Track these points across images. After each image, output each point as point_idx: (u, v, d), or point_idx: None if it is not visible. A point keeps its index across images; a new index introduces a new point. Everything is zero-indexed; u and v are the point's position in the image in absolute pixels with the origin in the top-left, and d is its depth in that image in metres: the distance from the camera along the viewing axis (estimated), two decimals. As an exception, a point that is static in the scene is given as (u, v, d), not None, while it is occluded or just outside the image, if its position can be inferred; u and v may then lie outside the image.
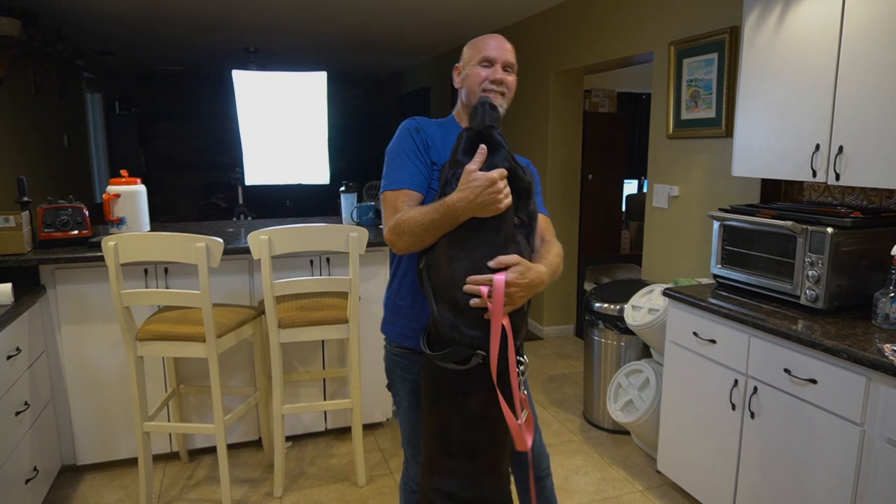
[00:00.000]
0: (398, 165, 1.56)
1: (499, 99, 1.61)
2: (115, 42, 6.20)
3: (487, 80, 1.61)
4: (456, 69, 1.71)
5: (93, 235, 2.82)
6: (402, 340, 1.68)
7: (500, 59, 1.63)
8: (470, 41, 1.70)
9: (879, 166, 1.95)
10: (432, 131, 1.61)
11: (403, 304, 1.67)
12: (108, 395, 2.76)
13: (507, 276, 1.36)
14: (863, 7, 1.97)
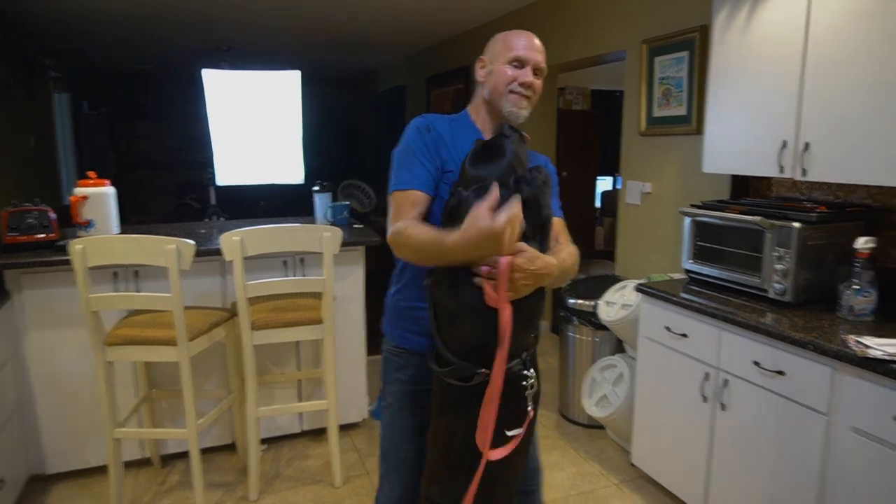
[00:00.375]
0: (406, 165, 1.50)
1: (524, 103, 1.55)
2: (84, 40, 6.07)
3: (516, 82, 1.53)
4: (480, 62, 1.62)
5: (60, 239, 2.76)
6: (400, 341, 1.64)
7: (532, 61, 1.54)
8: (498, 34, 1.61)
9: (844, 162, 2.00)
10: (442, 129, 1.54)
11: (404, 306, 1.62)
12: (77, 402, 2.70)
13: (515, 259, 1.26)
14: (828, 7, 2.01)
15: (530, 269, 1.28)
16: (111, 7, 4.58)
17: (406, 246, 1.39)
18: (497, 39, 1.60)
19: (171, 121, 9.16)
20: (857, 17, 1.92)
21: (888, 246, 2.21)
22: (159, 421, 2.86)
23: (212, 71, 4.85)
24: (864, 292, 1.96)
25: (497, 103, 1.56)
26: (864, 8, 1.90)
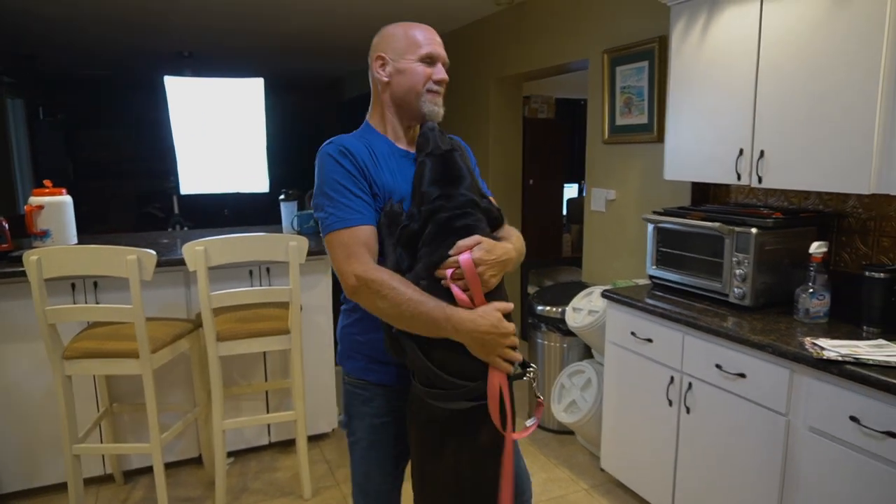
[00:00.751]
0: (341, 198, 1.35)
1: (440, 100, 1.49)
2: (39, 45, 5.90)
3: (432, 81, 1.45)
4: (379, 59, 1.47)
5: (14, 249, 2.68)
6: (361, 374, 1.51)
7: (442, 57, 1.48)
8: (391, 27, 1.49)
9: (796, 169, 2.07)
10: (358, 150, 1.40)
11: (361, 339, 1.49)
12: (33, 418, 2.61)
13: (474, 254, 1.25)
14: (778, 19, 2.09)
15: (492, 259, 1.27)
16: (66, 10, 4.47)
17: (384, 298, 1.27)
18: (394, 34, 1.47)
19: (131, 128, 8.95)
20: (806, 30, 2.00)
21: (840, 250, 2.30)
22: (121, 435, 2.79)
23: (174, 78, 4.78)
24: (819, 295, 2.03)
25: (413, 104, 1.46)
26: (812, 20, 1.97)
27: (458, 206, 1.32)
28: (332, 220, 1.35)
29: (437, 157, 1.37)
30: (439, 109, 1.49)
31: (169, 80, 4.74)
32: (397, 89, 1.46)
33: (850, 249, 2.27)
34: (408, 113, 1.48)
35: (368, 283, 1.28)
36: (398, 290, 1.26)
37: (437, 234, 1.29)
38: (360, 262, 1.31)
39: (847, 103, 1.90)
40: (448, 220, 1.30)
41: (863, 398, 1.64)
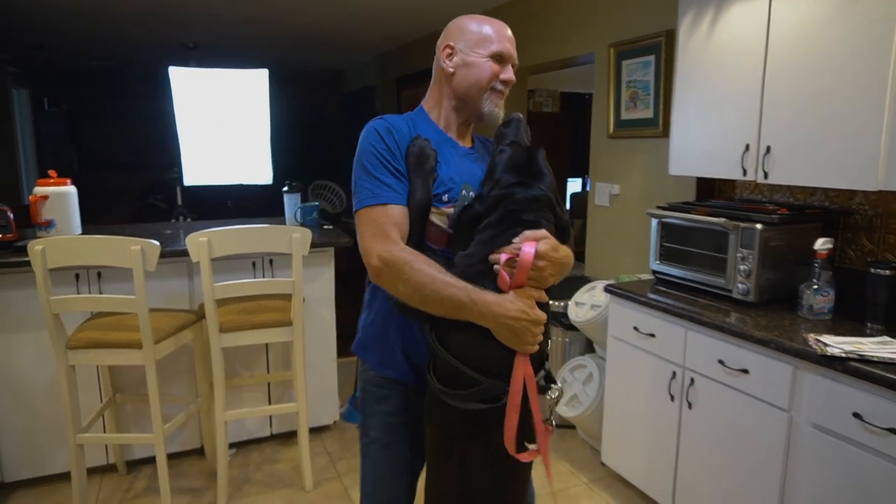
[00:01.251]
0: (377, 174, 1.30)
1: (502, 102, 1.43)
2: (45, 36, 5.90)
3: (499, 80, 1.40)
4: (447, 48, 1.42)
5: (18, 239, 2.68)
6: (381, 368, 1.45)
7: (513, 58, 1.42)
8: (464, 19, 1.44)
9: (803, 165, 2.06)
10: (403, 130, 1.36)
11: (383, 332, 1.43)
12: (37, 407, 2.62)
13: (539, 246, 1.16)
14: (787, 15, 2.07)
15: (556, 257, 1.19)
16: (73, 2, 4.46)
17: (407, 281, 1.22)
18: (468, 26, 1.42)
19: (135, 119, 8.95)
20: (815, 26, 1.98)
21: (845, 247, 2.29)
22: (124, 426, 2.80)
23: (178, 69, 4.77)
24: (823, 292, 2.02)
25: (474, 100, 1.40)
26: (821, 17, 1.96)
27: (533, 199, 1.24)
28: (366, 194, 1.30)
29: (522, 149, 1.31)
30: (499, 112, 1.43)
31: (174, 70, 4.73)
32: (461, 82, 1.40)
33: (855, 246, 2.26)
34: (466, 108, 1.43)
35: (391, 265, 1.23)
36: (423, 271, 1.21)
37: (501, 221, 1.22)
38: (386, 243, 1.25)
39: (855, 99, 1.88)
40: (518, 210, 1.22)
41: (866, 395, 1.64)
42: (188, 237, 2.37)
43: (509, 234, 1.21)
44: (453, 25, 1.45)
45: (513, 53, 1.43)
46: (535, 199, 1.24)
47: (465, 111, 1.44)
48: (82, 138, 8.72)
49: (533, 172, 1.28)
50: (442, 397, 1.26)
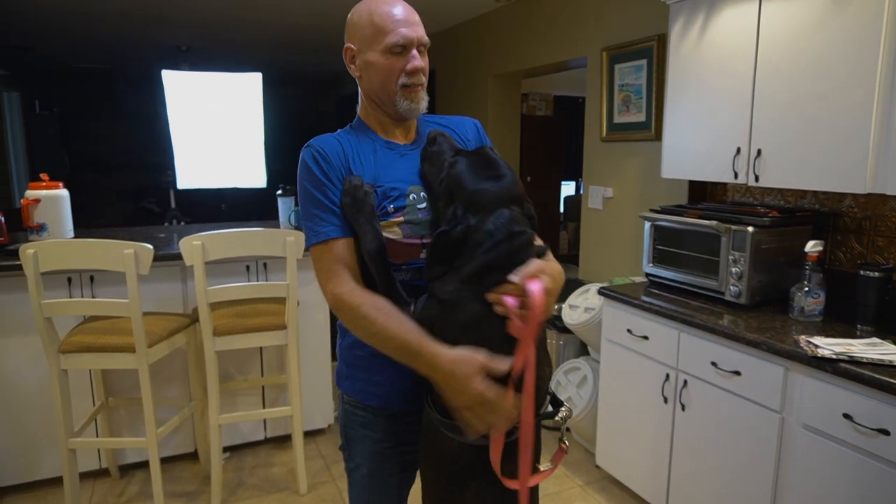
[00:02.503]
0: (312, 211, 1.25)
1: (419, 93, 1.28)
2: (36, 37, 5.87)
3: (404, 74, 1.25)
4: (347, 52, 1.30)
5: (10, 243, 2.67)
6: (361, 397, 1.36)
7: (416, 40, 1.24)
8: (356, 9, 1.29)
9: (793, 169, 2.08)
10: (333, 149, 1.27)
11: (363, 353, 1.32)
12: (28, 412, 2.61)
13: (543, 282, 1.08)
14: (776, 20, 2.09)
15: (557, 290, 1.13)
16: (64, 2, 4.45)
17: (358, 326, 1.19)
18: (360, 20, 1.27)
19: (128, 122, 8.91)
20: (804, 31, 2.00)
21: (835, 249, 2.31)
22: (117, 430, 2.79)
23: (172, 72, 4.76)
24: (814, 294, 2.04)
25: (387, 104, 1.29)
26: (810, 22, 1.98)
27: (509, 221, 1.15)
28: (309, 233, 1.26)
29: (472, 154, 1.23)
30: (417, 106, 1.29)
31: (167, 73, 4.73)
32: (369, 86, 1.30)
33: (845, 248, 2.28)
34: (385, 108, 1.31)
35: (342, 307, 1.21)
36: (371, 319, 1.16)
37: (490, 249, 1.12)
38: (337, 283, 1.22)
39: (844, 103, 1.90)
40: (507, 239, 1.13)
41: (856, 396, 1.65)
42: (182, 241, 2.37)
43: (501, 265, 1.12)
44: (348, 22, 1.30)
45: (413, 35, 1.23)
46: (510, 221, 1.14)
47: (387, 112, 1.32)
48: (74, 141, 8.68)
49: (496, 175, 1.19)
50: (449, 433, 1.16)
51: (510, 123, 4.75)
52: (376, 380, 1.33)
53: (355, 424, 1.38)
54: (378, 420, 1.36)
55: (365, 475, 1.38)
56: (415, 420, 1.33)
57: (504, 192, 1.17)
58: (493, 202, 1.15)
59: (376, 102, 1.32)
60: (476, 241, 1.12)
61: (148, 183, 8.63)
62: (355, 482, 1.41)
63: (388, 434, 1.36)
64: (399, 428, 1.36)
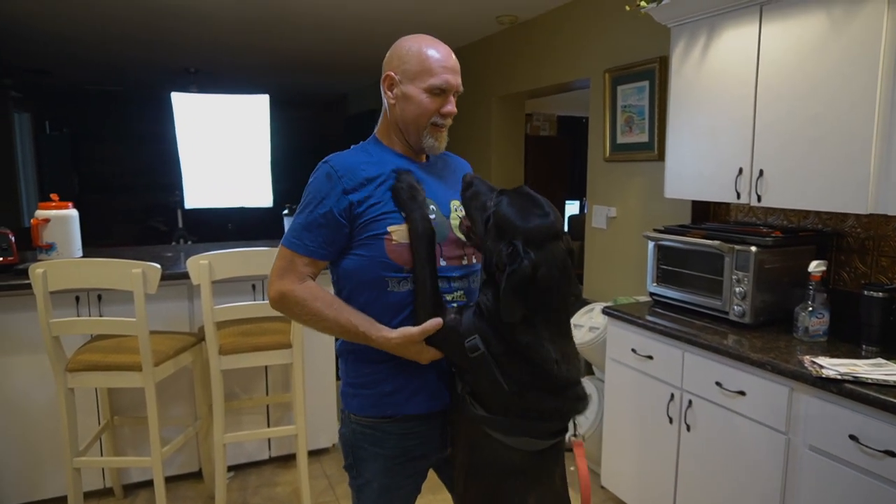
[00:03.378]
0: (307, 222, 1.33)
1: (444, 134, 1.42)
2: (47, 60, 5.98)
3: (438, 114, 1.37)
4: (388, 79, 1.40)
5: (19, 262, 2.70)
6: (373, 411, 1.39)
7: (454, 87, 1.38)
8: (405, 43, 1.40)
9: (795, 189, 2.09)
10: (355, 167, 1.36)
11: (368, 370, 1.39)
12: (34, 430, 2.61)
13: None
14: (776, 42, 2.12)
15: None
16: (74, 26, 4.54)
17: (306, 320, 1.35)
18: (408, 54, 1.37)
19: (136, 143, 9.02)
20: (804, 53, 2.03)
21: (839, 269, 2.31)
22: (122, 449, 2.79)
23: (180, 94, 4.84)
24: (818, 314, 2.04)
25: (413, 135, 1.40)
26: (810, 42, 2.01)
27: (563, 258, 1.25)
28: (291, 235, 1.36)
29: (514, 193, 1.29)
30: (439, 144, 1.42)
31: (176, 96, 4.80)
32: (401, 115, 1.40)
33: (848, 268, 2.29)
34: (410, 140, 1.43)
35: (287, 301, 1.34)
36: (319, 313, 1.33)
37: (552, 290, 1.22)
38: (288, 282, 1.34)
39: (844, 124, 1.92)
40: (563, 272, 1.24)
41: (862, 417, 1.65)
42: (189, 260, 2.39)
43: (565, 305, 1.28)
44: (394, 51, 1.42)
45: (454, 82, 1.38)
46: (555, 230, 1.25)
47: (410, 139, 1.43)
48: (83, 162, 8.77)
49: (544, 213, 1.26)
50: (504, 433, 1.24)
51: (514, 144, 4.79)
52: (388, 391, 1.38)
53: (364, 443, 1.41)
54: (388, 435, 1.39)
55: (376, 490, 1.41)
56: (429, 429, 1.41)
57: (551, 228, 1.24)
58: (545, 238, 1.22)
59: (402, 131, 1.41)
60: (543, 278, 1.19)
61: (156, 203, 8.71)
62: (366, 498, 1.43)
63: (399, 450, 1.40)
64: (410, 442, 1.41)
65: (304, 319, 1.35)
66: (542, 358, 1.21)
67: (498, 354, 1.22)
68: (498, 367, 1.21)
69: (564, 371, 1.23)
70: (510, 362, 1.22)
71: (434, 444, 1.44)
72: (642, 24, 3.13)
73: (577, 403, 1.28)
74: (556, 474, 1.29)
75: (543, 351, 1.21)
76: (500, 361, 1.21)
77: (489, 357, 1.22)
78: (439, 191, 1.44)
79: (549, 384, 1.23)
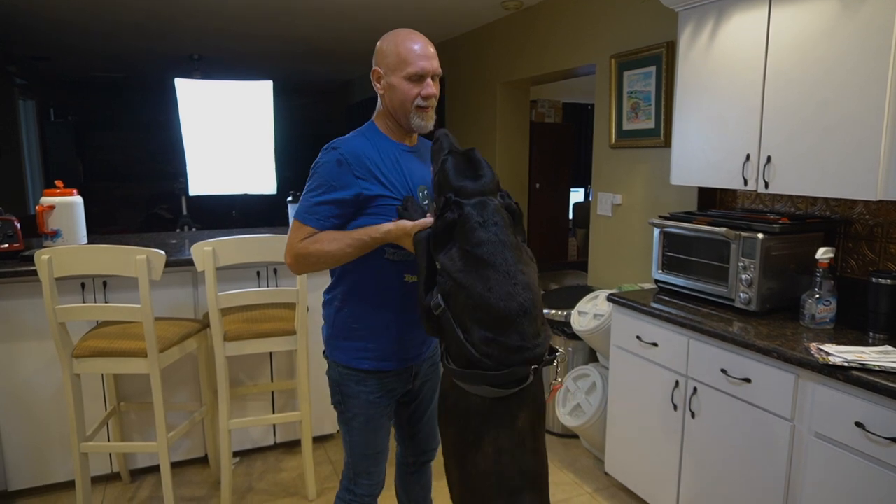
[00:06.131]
0: (320, 200, 1.54)
1: (430, 113, 1.60)
2: (51, 47, 5.96)
3: (420, 97, 1.57)
4: (375, 73, 1.62)
5: (25, 249, 2.71)
6: (358, 363, 1.66)
7: (430, 71, 1.57)
8: (385, 41, 1.60)
9: (803, 175, 2.07)
10: (361, 151, 1.57)
11: (358, 326, 1.65)
12: (41, 416, 2.63)
13: None
14: (786, 27, 2.09)
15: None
16: (78, 14, 4.52)
17: (323, 263, 1.54)
18: (387, 49, 1.58)
19: (140, 130, 9.02)
20: (814, 37, 2.00)
21: (847, 256, 2.30)
22: (128, 434, 2.81)
23: (184, 80, 4.81)
24: (825, 301, 2.03)
25: (403, 119, 1.60)
26: (820, 27, 1.98)
27: (482, 187, 1.46)
28: (305, 211, 1.55)
29: (460, 154, 1.50)
30: (426, 123, 1.61)
31: (180, 82, 4.78)
32: (390, 103, 1.61)
33: (856, 255, 2.27)
34: (399, 121, 1.63)
35: (305, 256, 1.53)
36: (328, 252, 1.52)
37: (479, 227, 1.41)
38: (301, 245, 1.54)
39: (854, 110, 1.90)
40: (476, 206, 1.42)
41: (868, 404, 1.64)
42: (193, 247, 2.39)
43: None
44: (377, 48, 1.62)
45: (429, 67, 1.56)
46: (484, 186, 1.46)
47: (400, 124, 1.64)
48: (88, 149, 8.79)
49: (476, 175, 1.48)
50: (466, 383, 1.39)
51: (519, 130, 4.76)
52: (370, 347, 1.65)
53: (350, 383, 1.68)
54: (370, 378, 1.66)
55: (362, 422, 1.69)
56: (399, 374, 1.70)
57: (480, 189, 1.45)
58: (474, 194, 1.44)
59: (394, 116, 1.62)
60: (473, 224, 1.41)
61: (160, 190, 8.71)
62: (353, 429, 1.71)
63: (380, 388, 1.68)
64: (387, 384, 1.69)
65: (320, 264, 1.55)
66: (479, 291, 1.37)
67: (455, 305, 1.39)
68: (458, 324, 1.38)
69: (501, 292, 1.37)
70: (462, 304, 1.38)
71: (405, 382, 1.75)
72: (649, 8, 3.10)
73: (535, 347, 1.38)
74: (519, 417, 1.40)
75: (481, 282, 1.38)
76: (455, 314, 1.39)
77: (450, 316, 1.39)
78: (424, 173, 1.68)
79: (491, 312, 1.36)
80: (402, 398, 1.80)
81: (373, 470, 1.76)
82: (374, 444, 1.73)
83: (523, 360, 1.37)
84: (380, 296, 1.64)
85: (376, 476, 1.77)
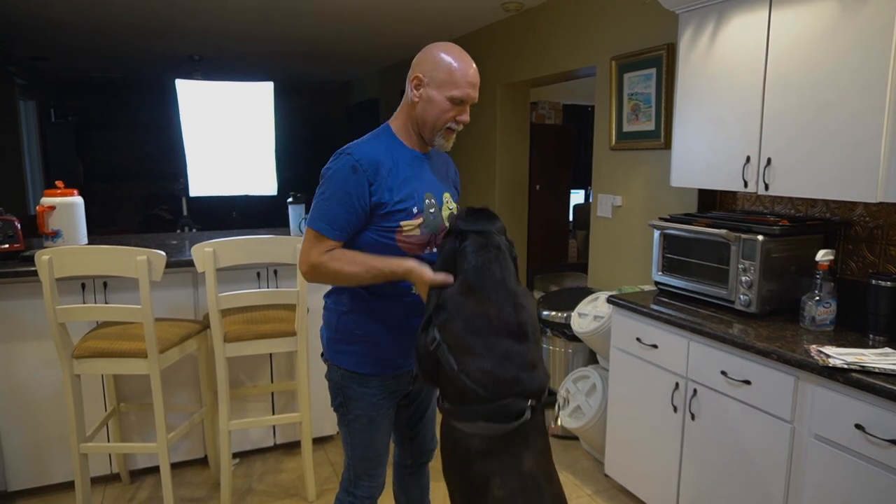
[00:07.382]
0: (336, 211, 1.52)
1: (452, 136, 1.61)
2: (51, 48, 5.96)
3: (454, 120, 1.57)
4: (416, 79, 1.57)
5: (25, 249, 2.71)
6: (360, 367, 1.67)
7: (472, 100, 1.58)
8: (440, 51, 1.56)
9: (803, 177, 2.07)
10: (375, 158, 1.54)
11: (362, 332, 1.66)
12: (41, 416, 2.63)
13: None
14: (786, 29, 2.10)
15: None
16: (78, 14, 4.52)
17: (339, 281, 1.57)
18: (440, 62, 1.54)
19: (141, 130, 9.03)
20: (814, 40, 2.00)
21: (847, 258, 2.30)
22: (128, 435, 2.81)
23: (185, 81, 4.82)
24: (825, 303, 2.03)
25: (428, 133, 1.60)
26: (820, 29, 1.98)
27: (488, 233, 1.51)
28: (319, 219, 1.53)
29: (474, 209, 1.55)
30: (448, 145, 1.63)
31: (180, 83, 4.78)
32: (421, 114, 1.58)
33: (856, 258, 2.27)
34: (423, 135, 1.62)
35: (320, 270, 1.53)
36: (348, 273, 1.52)
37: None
38: (315, 255, 1.53)
39: (854, 112, 1.90)
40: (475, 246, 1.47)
41: (868, 406, 1.64)
42: (193, 248, 2.39)
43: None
44: (427, 55, 1.57)
45: (473, 96, 1.57)
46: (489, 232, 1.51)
47: (422, 135, 1.63)
48: (88, 149, 8.79)
49: (489, 215, 1.54)
50: (462, 421, 1.36)
51: (519, 132, 4.76)
52: (374, 352, 1.65)
53: (353, 385, 1.68)
54: (373, 380, 1.67)
55: (365, 423, 1.70)
56: (400, 376, 1.71)
57: (490, 229, 1.51)
58: (479, 232, 1.50)
59: (419, 126, 1.61)
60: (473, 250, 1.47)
61: (160, 191, 8.72)
62: (355, 431, 1.71)
63: (383, 389, 1.69)
64: (391, 386, 1.70)
65: (336, 281, 1.58)
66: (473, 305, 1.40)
67: (451, 335, 1.39)
68: (452, 354, 1.37)
69: (496, 312, 1.38)
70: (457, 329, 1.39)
71: (406, 384, 1.75)
72: (649, 10, 3.10)
73: (531, 375, 1.37)
74: (524, 458, 1.35)
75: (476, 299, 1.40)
76: (450, 344, 1.38)
77: (444, 347, 1.38)
78: (436, 183, 1.68)
79: (487, 337, 1.36)
80: (401, 400, 1.81)
81: (373, 472, 1.77)
82: (376, 447, 1.74)
83: (519, 392, 1.34)
84: (386, 304, 1.64)
85: (377, 478, 1.78)
